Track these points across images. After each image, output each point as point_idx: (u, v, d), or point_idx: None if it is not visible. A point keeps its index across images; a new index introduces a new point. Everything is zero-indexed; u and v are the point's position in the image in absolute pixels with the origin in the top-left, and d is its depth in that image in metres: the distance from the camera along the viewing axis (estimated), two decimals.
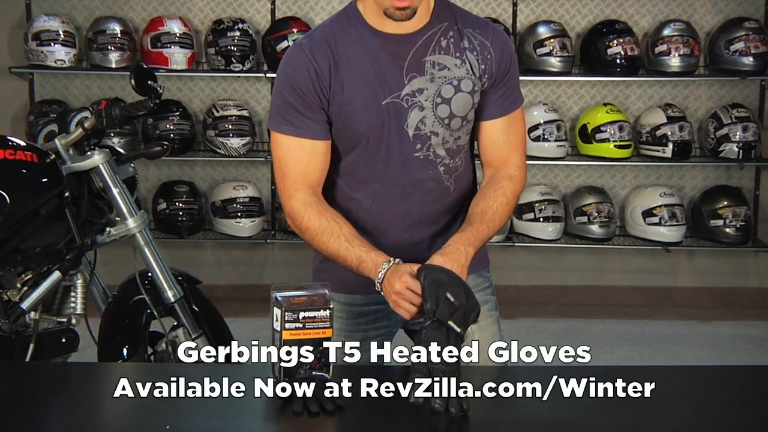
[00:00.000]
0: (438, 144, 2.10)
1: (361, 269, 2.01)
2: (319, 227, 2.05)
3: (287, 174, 2.09)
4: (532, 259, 5.35)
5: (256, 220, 5.03)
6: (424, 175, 2.12)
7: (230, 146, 4.96)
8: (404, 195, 2.12)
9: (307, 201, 2.07)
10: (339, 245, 2.03)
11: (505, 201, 2.10)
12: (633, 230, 5.11)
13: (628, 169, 5.28)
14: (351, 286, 2.18)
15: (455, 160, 2.14)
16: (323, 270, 2.24)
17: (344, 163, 2.13)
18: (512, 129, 2.16)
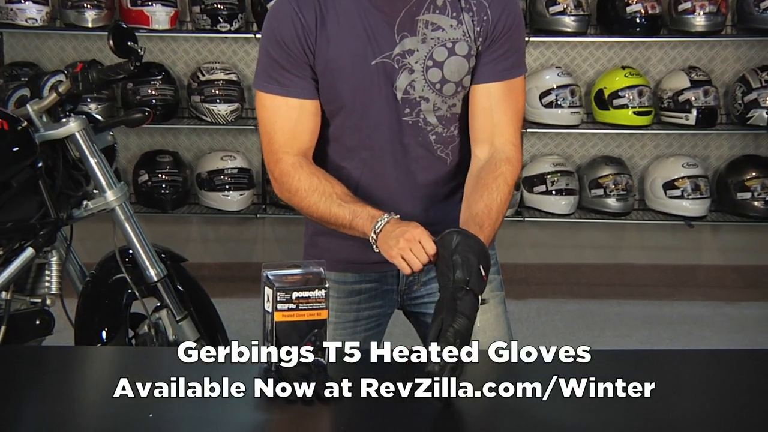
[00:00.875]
0: (428, 110, 2.09)
1: (354, 225, 2.00)
2: (309, 187, 2.05)
3: (274, 137, 2.08)
4: (544, 235, 5.35)
5: (246, 193, 5.03)
6: (414, 141, 2.11)
7: (217, 113, 4.94)
8: (395, 164, 2.11)
9: (296, 162, 2.07)
10: (331, 204, 2.03)
11: (507, 190, 2.07)
12: (653, 204, 5.10)
13: (648, 138, 5.27)
14: (343, 264, 2.19)
15: (450, 130, 2.13)
16: (314, 245, 2.24)
17: (332, 128, 2.13)
18: (508, 99, 2.10)
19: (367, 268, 2.20)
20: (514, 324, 2.31)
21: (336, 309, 2.19)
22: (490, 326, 2.23)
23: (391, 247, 1.94)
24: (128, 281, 3.11)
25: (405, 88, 2.07)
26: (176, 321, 3.14)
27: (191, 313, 3.18)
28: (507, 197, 2.06)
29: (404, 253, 1.92)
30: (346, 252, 2.19)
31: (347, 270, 2.20)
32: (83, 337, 3.13)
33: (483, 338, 2.21)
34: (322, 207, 2.04)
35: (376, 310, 2.23)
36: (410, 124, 2.10)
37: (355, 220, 2.00)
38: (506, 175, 2.06)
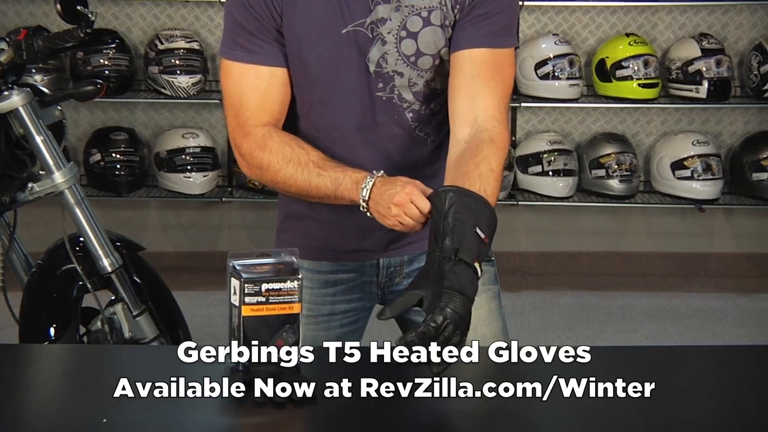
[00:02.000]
0: (403, 86, 2.09)
1: (339, 194, 1.99)
2: (282, 158, 2.03)
3: (241, 109, 2.07)
4: (540, 220, 5.37)
5: (210, 175, 5.02)
6: (389, 119, 2.10)
7: (177, 86, 4.93)
8: (368, 144, 2.10)
9: (266, 133, 2.05)
10: (309, 174, 2.01)
11: (493, 178, 1.97)
12: (660, 186, 5.12)
13: (654, 113, 5.28)
14: (318, 251, 2.19)
15: (429, 107, 2.12)
16: (286, 230, 2.24)
17: (299, 103, 2.12)
18: (493, 70, 2.04)
19: (344, 256, 2.20)
20: (507, 318, 2.31)
21: (309, 301, 2.19)
22: (482, 323, 2.22)
23: (385, 216, 1.93)
24: (79, 272, 3.10)
25: (377, 60, 2.06)
26: (133, 316, 3.14)
27: (149, 307, 3.18)
28: (494, 185, 1.97)
29: (400, 219, 1.91)
30: (321, 238, 2.19)
31: (322, 258, 2.20)
32: (29, 334, 3.12)
33: (474, 336, 2.20)
34: (300, 179, 2.03)
35: (353, 303, 2.23)
36: (384, 100, 2.09)
37: (339, 189, 1.99)
38: (490, 160, 1.98)
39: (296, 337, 1.82)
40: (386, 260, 2.21)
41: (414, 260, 2.21)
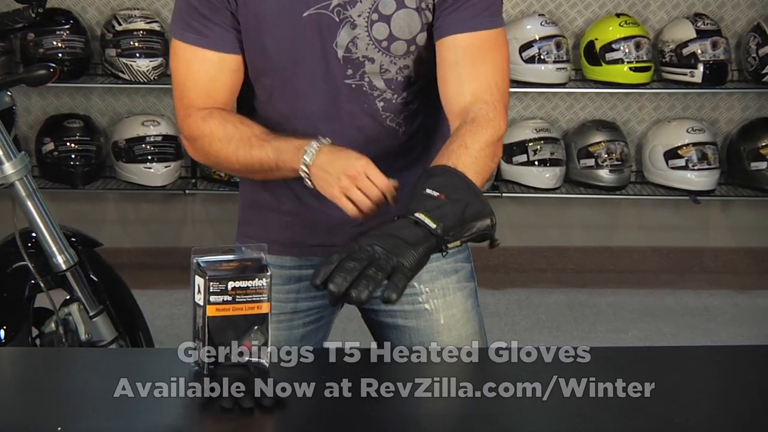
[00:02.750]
0: (374, 73, 2.08)
1: (281, 163, 1.99)
2: (224, 137, 2.05)
3: (186, 92, 2.10)
4: (525, 213, 5.38)
5: (172, 165, 5.01)
6: (358, 108, 2.10)
7: (137, 69, 4.91)
8: (335, 134, 2.08)
9: (208, 113, 2.08)
10: (251, 147, 2.03)
11: (465, 153, 1.93)
12: (653, 176, 5.14)
13: (646, 98, 5.30)
14: (280, 245, 2.19)
15: (401, 96, 2.12)
16: (247, 222, 2.24)
17: (258, 92, 2.12)
18: (481, 54, 2.05)
19: (309, 251, 2.20)
20: (489, 318, 2.33)
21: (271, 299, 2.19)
22: (457, 324, 2.24)
23: (330, 184, 1.92)
24: (31, 270, 3.09)
25: (347, 45, 2.06)
26: (89, 317, 3.13)
27: (107, 307, 3.17)
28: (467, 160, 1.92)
29: (349, 192, 1.91)
30: (285, 231, 2.19)
31: (285, 253, 2.20)
32: None
33: (448, 338, 2.22)
34: (242, 154, 2.04)
35: (317, 300, 2.24)
36: (353, 88, 2.09)
37: (281, 157, 1.99)
38: (464, 138, 1.95)
39: (265, 338, 1.82)
40: None
41: None
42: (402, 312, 2.22)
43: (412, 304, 2.21)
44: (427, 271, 2.19)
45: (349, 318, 2.31)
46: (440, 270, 2.23)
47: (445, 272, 2.23)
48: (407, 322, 2.22)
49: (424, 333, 2.22)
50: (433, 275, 2.21)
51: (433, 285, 2.22)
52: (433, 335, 2.21)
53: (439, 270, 2.23)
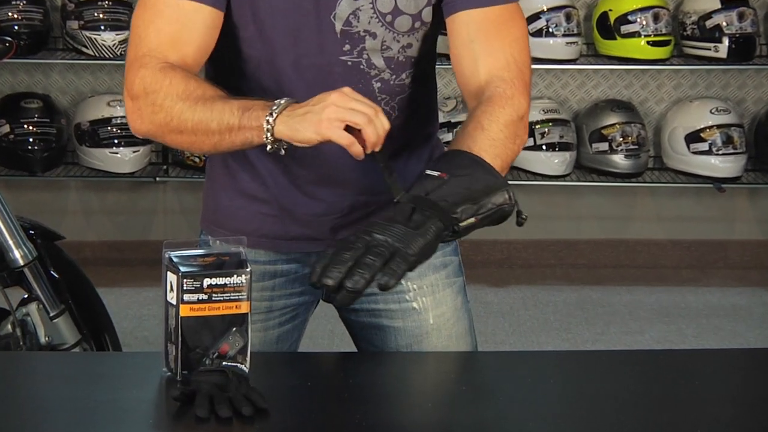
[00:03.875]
0: (374, 49, 2.08)
1: (245, 120, 1.90)
2: (184, 91, 1.95)
3: (145, 40, 2.01)
4: (531, 202, 5.38)
5: (141, 150, 5.00)
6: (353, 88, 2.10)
7: (101, 44, 4.90)
8: None
9: (168, 66, 1.99)
10: (213, 103, 1.93)
11: (482, 135, 1.94)
12: (672, 161, 5.15)
13: (666, 76, 5.31)
14: (254, 238, 2.18)
15: (400, 77, 2.12)
16: (214, 210, 2.23)
17: (245, 62, 2.11)
18: (492, 29, 2.06)
19: (284, 245, 2.20)
20: (492, 319, 2.34)
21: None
22: (447, 323, 2.24)
23: (313, 121, 1.84)
24: None
25: (347, 17, 2.06)
26: (50, 318, 3.13)
27: (69, 307, 3.17)
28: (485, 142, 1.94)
29: (343, 115, 1.83)
30: (258, 221, 2.19)
31: (258, 246, 2.20)
32: None
33: (438, 339, 2.23)
34: (199, 111, 1.94)
35: (293, 298, 2.24)
36: (349, 65, 2.09)
37: (244, 117, 1.90)
38: (480, 119, 1.97)
39: (245, 341, 1.83)
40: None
41: None
42: (387, 311, 2.22)
43: (398, 303, 2.22)
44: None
45: (336, 318, 2.32)
46: (428, 265, 2.22)
47: (434, 267, 2.23)
48: (393, 322, 2.22)
49: (412, 334, 2.22)
50: (421, 271, 2.21)
51: (421, 282, 2.22)
52: (422, 336, 2.22)
53: (427, 265, 2.22)
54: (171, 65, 1.99)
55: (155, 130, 2.01)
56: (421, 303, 2.23)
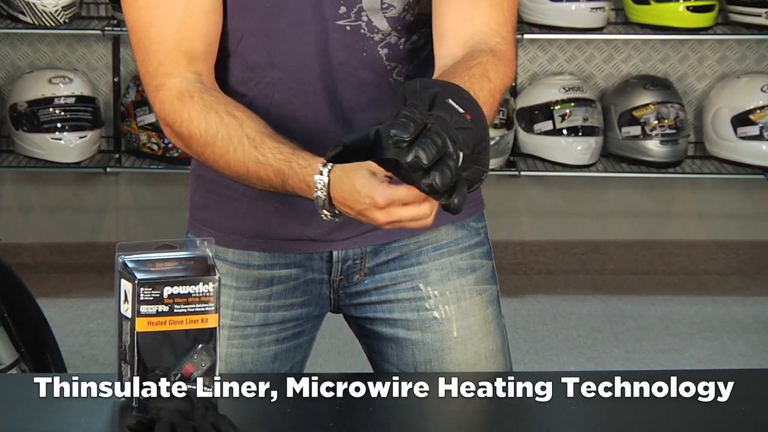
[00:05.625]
0: (374, 9, 2.08)
1: (289, 189, 1.97)
2: (206, 130, 2.03)
3: (151, 49, 2.07)
4: (550, 197, 5.39)
5: (89, 136, 5.00)
6: (354, 58, 2.10)
7: (42, 10, 4.90)
8: (321, 91, 2.10)
9: (185, 90, 2.05)
10: (245, 155, 2.00)
11: (488, 85, 1.98)
12: (716, 148, 5.16)
13: (708, 48, 5.31)
14: (247, 237, 2.20)
15: (411, 39, 2.13)
16: (204, 206, 2.24)
17: (228, 37, 2.12)
18: None
19: (283, 246, 2.20)
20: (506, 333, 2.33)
21: (234, 307, 2.20)
22: (475, 337, 2.24)
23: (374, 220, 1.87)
24: None
25: None
26: None
27: (5, 321, 3.18)
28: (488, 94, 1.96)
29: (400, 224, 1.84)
30: (252, 218, 2.19)
31: (253, 247, 2.21)
32: None
33: (463, 355, 2.22)
34: (233, 162, 2.02)
35: (295, 310, 2.24)
36: (348, 31, 2.09)
37: (287, 184, 1.97)
38: (486, 67, 2.00)
39: (212, 360, 1.83)
40: (342, 252, 2.22)
41: (380, 251, 2.22)
42: (404, 321, 2.22)
43: (416, 311, 2.22)
44: (437, 269, 2.20)
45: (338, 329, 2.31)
46: (453, 268, 2.23)
47: (460, 271, 2.23)
48: (410, 334, 2.22)
49: (432, 348, 2.22)
50: (444, 274, 2.21)
51: (443, 287, 2.22)
52: (444, 351, 2.22)
53: (451, 267, 2.23)
54: (188, 89, 2.06)
55: (187, 151, 2.11)
56: (443, 312, 2.22)
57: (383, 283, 2.22)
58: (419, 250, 2.21)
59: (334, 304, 2.27)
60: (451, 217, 1.95)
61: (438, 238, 2.21)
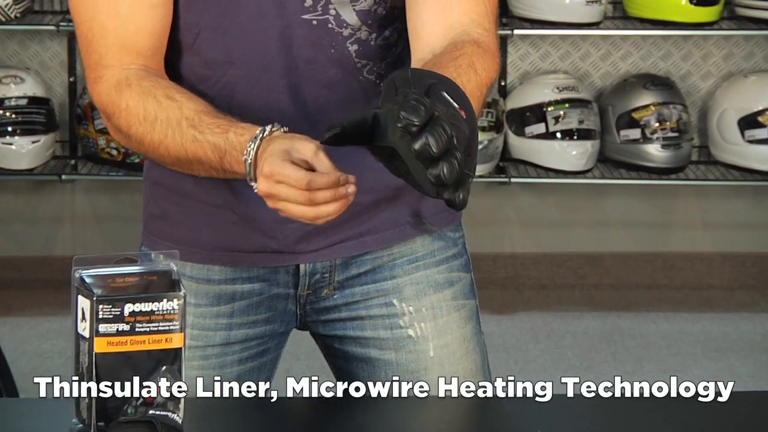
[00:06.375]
0: (342, 1, 2.09)
1: (227, 166, 1.97)
2: (145, 117, 2.03)
3: (93, 42, 2.09)
4: (543, 206, 5.39)
5: (42, 140, 4.99)
6: (321, 54, 2.11)
7: None
8: (285, 90, 2.11)
9: (123, 79, 2.06)
10: (183, 136, 2.01)
11: (475, 78, 1.99)
12: (722, 152, 5.17)
13: (713, 44, 5.32)
14: (206, 250, 2.20)
15: (383, 35, 2.13)
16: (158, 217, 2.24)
17: (183, 32, 2.12)
18: None
19: (245, 259, 2.21)
20: (495, 352, 2.34)
21: (193, 325, 2.19)
22: (451, 356, 2.24)
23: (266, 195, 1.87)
24: None
25: None
26: None
27: None
28: (475, 88, 1.97)
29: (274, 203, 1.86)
30: (211, 229, 2.19)
31: (212, 260, 2.21)
32: None
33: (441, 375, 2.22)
34: (171, 146, 2.02)
35: (258, 327, 2.24)
36: (314, 25, 2.09)
37: (225, 160, 1.96)
38: (472, 58, 2.00)
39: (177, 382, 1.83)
40: (309, 265, 2.22)
41: (350, 264, 2.22)
42: (376, 340, 2.22)
43: (390, 329, 2.22)
44: (412, 283, 2.21)
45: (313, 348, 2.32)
46: (429, 282, 2.23)
47: (437, 285, 2.23)
48: (383, 353, 2.23)
49: (407, 369, 2.22)
50: (420, 288, 2.22)
51: (419, 302, 2.22)
52: (420, 372, 2.22)
53: (427, 282, 2.23)
54: (127, 77, 2.06)
55: (131, 148, 2.14)
56: (418, 330, 2.23)
57: (354, 299, 2.22)
58: (393, 263, 2.21)
59: (301, 321, 2.27)
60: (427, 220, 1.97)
61: (413, 250, 2.22)
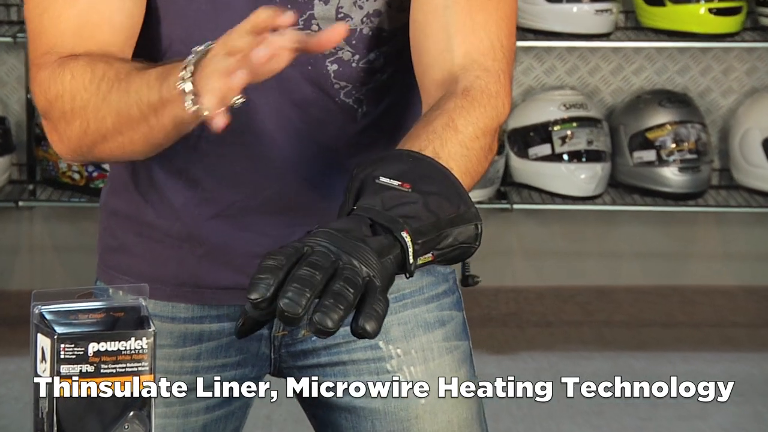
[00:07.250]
0: (326, 18, 2.06)
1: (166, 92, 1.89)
2: (92, 78, 1.99)
3: (42, 34, 2.07)
4: (548, 235, 5.40)
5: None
6: (297, 72, 2.11)
7: None
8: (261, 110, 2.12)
9: (70, 57, 2.02)
10: (128, 81, 1.96)
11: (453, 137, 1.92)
12: (745, 176, 5.18)
13: (734, 57, 5.34)
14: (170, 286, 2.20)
15: (367, 58, 2.14)
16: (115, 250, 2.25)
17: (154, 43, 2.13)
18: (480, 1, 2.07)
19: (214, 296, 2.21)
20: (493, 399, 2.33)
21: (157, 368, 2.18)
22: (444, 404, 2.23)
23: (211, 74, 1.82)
24: None
25: None
26: None
27: None
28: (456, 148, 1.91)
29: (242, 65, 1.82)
30: (175, 263, 2.20)
31: (178, 298, 2.21)
32: None
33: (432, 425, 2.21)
34: (115, 96, 1.96)
35: (228, 371, 2.24)
36: None
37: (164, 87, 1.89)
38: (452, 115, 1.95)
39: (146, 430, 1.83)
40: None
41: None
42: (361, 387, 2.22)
43: (375, 374, 2.22)
44: (399, 323, 2.20)
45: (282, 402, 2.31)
46: (418, 321, 2.23)
47: (427, 325, 2.23)
48: (369, 402, 2.22)
49: (396, 418, 2.22)
50: (408, 329, 2.22)
51: (407, 345, 2.22)
52: (410, 421, 2.22)
53: (416, 321, 2.23)
54: (72, 56, 2.03)
55: (79, 146, 2.04)
56: (408, 374, 2.23)
57: (335, 341, 2.20)
58: None
59: (275, 365, 2.26)
60: None
61: (399, 287, 2.19)
